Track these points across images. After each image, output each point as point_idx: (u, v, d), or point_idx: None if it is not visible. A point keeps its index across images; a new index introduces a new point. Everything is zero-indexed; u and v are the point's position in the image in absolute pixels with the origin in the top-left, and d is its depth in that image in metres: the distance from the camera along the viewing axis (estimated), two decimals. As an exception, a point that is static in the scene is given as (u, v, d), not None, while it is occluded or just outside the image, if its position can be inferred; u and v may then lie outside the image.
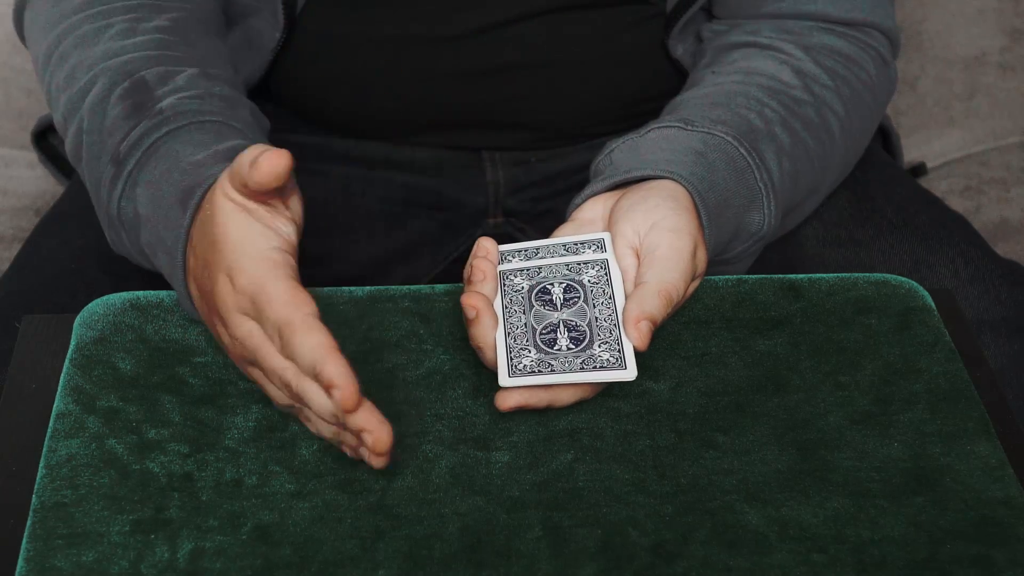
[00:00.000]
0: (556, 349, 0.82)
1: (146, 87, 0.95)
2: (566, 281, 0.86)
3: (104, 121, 0.94)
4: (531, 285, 0.87)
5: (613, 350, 0.82)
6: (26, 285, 1.04)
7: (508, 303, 0.86)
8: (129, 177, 0.91)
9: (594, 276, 0.86)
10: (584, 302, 0.85)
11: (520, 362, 0.82)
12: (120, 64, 0.97)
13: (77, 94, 0.97)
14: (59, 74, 1.00)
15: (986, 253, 1.07)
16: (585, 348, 0.82)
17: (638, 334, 0.81)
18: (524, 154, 1.17)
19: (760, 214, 0.96)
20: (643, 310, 0.82)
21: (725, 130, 0.95)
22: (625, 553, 0.75)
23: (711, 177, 0.92)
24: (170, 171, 0.88)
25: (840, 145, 1.05)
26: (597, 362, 0.81)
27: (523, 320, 0.85)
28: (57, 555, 0.74)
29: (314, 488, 0.78)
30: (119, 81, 0.95)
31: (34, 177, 1.43)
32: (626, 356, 0.81)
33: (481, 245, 0.88)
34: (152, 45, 0.98)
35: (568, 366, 0.81)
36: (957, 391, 0.85)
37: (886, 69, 1.09)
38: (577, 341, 0.83)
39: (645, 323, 0.82)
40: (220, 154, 0.88)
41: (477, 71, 1.11)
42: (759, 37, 1.06)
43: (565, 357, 0.82)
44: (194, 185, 0.86)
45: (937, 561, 0.75)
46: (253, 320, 0.79)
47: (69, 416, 0.82)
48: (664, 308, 0.83)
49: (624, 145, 0.96)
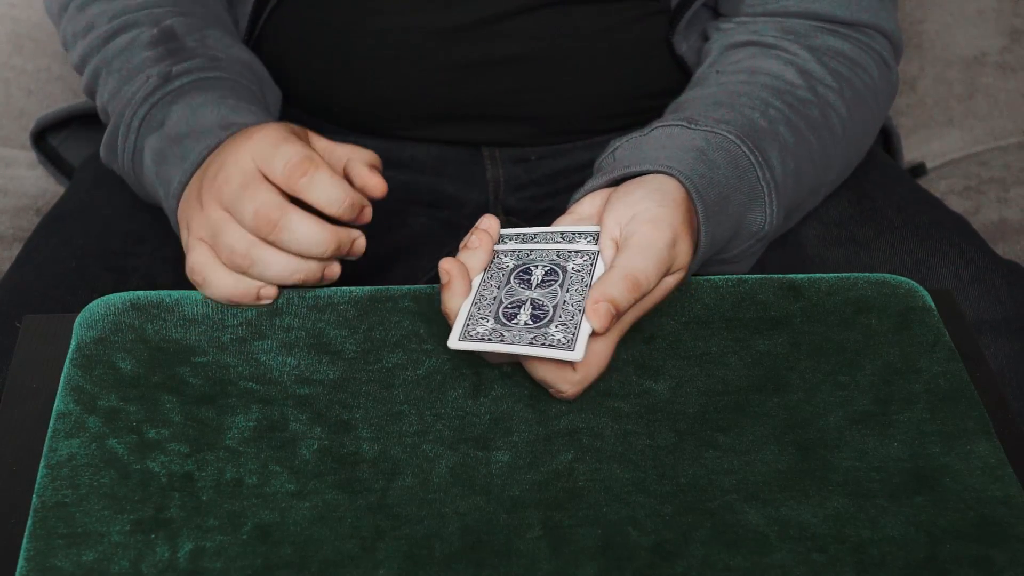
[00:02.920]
0: (513, 323, 0.83)
1: (175, 35, 1.03)
2: (551, 265, 0.87)
3: (136, 58, 1.03)
4: (516, 264, 0.87)
5: (568, 332, 0.82)
6: (26, 285, 1.04)
7: (488, 277, 0.87)
8: (169, 94, 0.99)
9: (579, 264, 0.86)
10: (559, 286, 0.85)
11: (475, 329, 0.83)
12: (145, 15, 1.05)
13: (99, 38, 1.06)
14: (79, 22, 1.08)
15: (986, 254, 1.07)
16: (542, 326, 0.82)
17: (596, 315, 0.81)
18: (524, 151, 1.17)
19: (762, 213, 0.96)
20: (604, 292, 0.82)
21: (728, 129, 0.95)
22: (625, 553, 0.75)
23: (711, 175, 0.92)
24: (215, 104, 0.98)
25: (843, 145, 1.05)
26: (548, 340, 0.81)
27: (494, 294, 0.85)
28: (57, 555, 0.74)
29: (314, 488, 0.78)
30: (148, 27, 1.04)
31: (34, 177, 1.43)
32: (578, 339, 0.81)
33: (484, 218, 0.90)
34: (170, 2, 1.07)
35: (519, 339, 0.82)
36: (957, 391, 0.85)
37: (888, 73, 1.09)
38: (537, 319, 0.83)
39: (604, 304, 0.82)
40: (260, 116, 0.98)
41: (478, 63, 1.10)
42: (764, 37, 1.06)
43: (520, 331, 0.82)
44: (233, 123, 0.96)
45: (937, 561, 0.75)
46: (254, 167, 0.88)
47: (69, 416, 0.82)
48: (629, 292, 0.83)
49: (627, 143, 0.96)
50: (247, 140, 0.90)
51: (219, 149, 0.93)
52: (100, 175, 1.19)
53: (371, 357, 0.87)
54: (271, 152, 0.88)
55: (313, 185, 0.87)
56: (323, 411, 0.83)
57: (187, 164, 0.95)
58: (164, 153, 0.98)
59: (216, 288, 0.89)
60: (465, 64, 1.10)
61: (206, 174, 0.92)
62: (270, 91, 1.09)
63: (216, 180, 0.89)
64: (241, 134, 0.92)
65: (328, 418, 0.83)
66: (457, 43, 1.10)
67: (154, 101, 1.00)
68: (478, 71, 1.11)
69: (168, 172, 0.97)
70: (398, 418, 0.83)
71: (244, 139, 0.90)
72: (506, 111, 1.14)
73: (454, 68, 1.11)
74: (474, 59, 1.10)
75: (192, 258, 0.90)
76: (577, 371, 0.83)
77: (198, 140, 0.96)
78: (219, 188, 0.89)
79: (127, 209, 1.12)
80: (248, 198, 0.87)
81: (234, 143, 0.91)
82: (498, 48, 1.10)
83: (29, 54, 1.50)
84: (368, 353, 0.87)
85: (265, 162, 0.88)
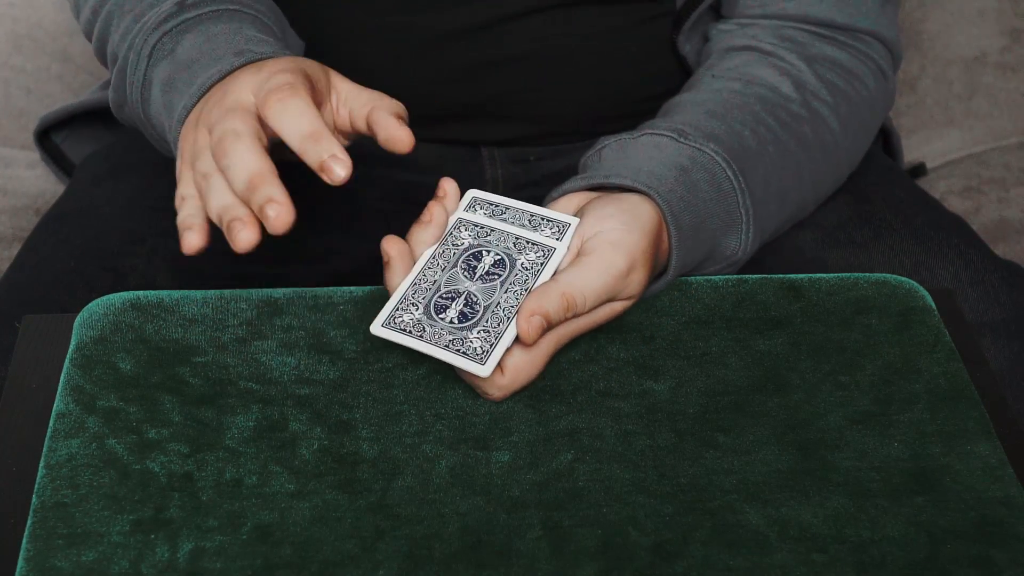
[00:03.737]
0: (440, 318, 0.83)
1: None
2: (503, 254, 0.86)
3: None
4: (470, 244, 0.87)
5: (486, 342, 0.82)
6: (26, 285, 1.04)
7: (439, 254, 0.86)
8: (184, 22, 0.94)
9: (531, 260, 0.86)
10: (501, 282, 0.85)
11: (402, 316, 0.83)
12: None
13: None
14: None
15: (985, 255, 1.06)
16: (466, 328, 0.82)
17: (527, 326, 0.81)
18: (523, 151, 1.17)
19: (737, 239, 0.95)
20: (540, 304, 0.82)
21: (716, 148, 0.95)
22: (625, 553, 0.75)
23: (690, 198, 0.91)
24: (232, 33, 0.92)
25: (834, 161, 1.05)
26: (464, 346, 0.81)
27: (436, 276, 0.85)
28: (57, 555, 0.74)
29: (314, 488, 0.78)
30: None
31: (34, 177, 1.43)
32: (492, 353, 0.81)
33: (442, 185, 0.89)
34: None
35: (437, 340, 0.82)
36: (957, 391, 0.85)
37: (884, 83, 1.09)
38: (465, 317, 0.83)
39: (537, 318, 0.81)
40: (278, 49, 0.92)
41: (480, 64, 1.10)
42: (762, 43, 1.06)
43: (442, 329, 0.82)
44: (248, 51, 0.90)
45: (937, 561, 0.75)
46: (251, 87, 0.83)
47: (69, 416, 0.82)
48: (562, 311, 0.82)
49: (615, 144, 0.96)
50: (256, 72, 0.85)
51: (228, 78, 0.88)
52: (99, 174, 1.19)
53: (371, 357, 0.87)
54: (267, 81, 0.83)
55: (283, 110, 0.81)
56: (323, 411, 0.83)
57: (193, 89, 0.90)
58: (173, 80, 0.93)
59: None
60: (467, 65, 1.10)
61: (208, 101, 0.87)
62: (292, 39, 1.05)
63: (209, 104, 0.85)
64: (253, 65, 0.88)
65: (328, 418, 0.83)
66: (459, 44, 1.10)
67: (167, 29, 0.95)
68: (479, 72, 1.11)
69: (175, 99, 0.92)
70: (398, 418, 0.83)
71: (255, 71, 0.85)
72: (506, 111, 1.14)
73: (455, 68, 1.11)
74: (476, 60, 1.10)
75: (180, 188, 0.85)
76: (504, 376, 0.83)
77: (208, 66, 0.91)
78: (209, 112, 0.85)
79: (126, 209, 1.12)
80: (222, 122, 0.82)
81: (244, 73, 0.86)
82: (500, 49, 1.10)
83: (29, 54, 1.50)
84: (368, 353, 0.87)
85: (258, 90, 0.83)
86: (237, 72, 0.88)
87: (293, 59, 0.86)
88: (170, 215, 1.12)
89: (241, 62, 0.89)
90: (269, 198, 0.78)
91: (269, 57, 0.89)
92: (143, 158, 1.19)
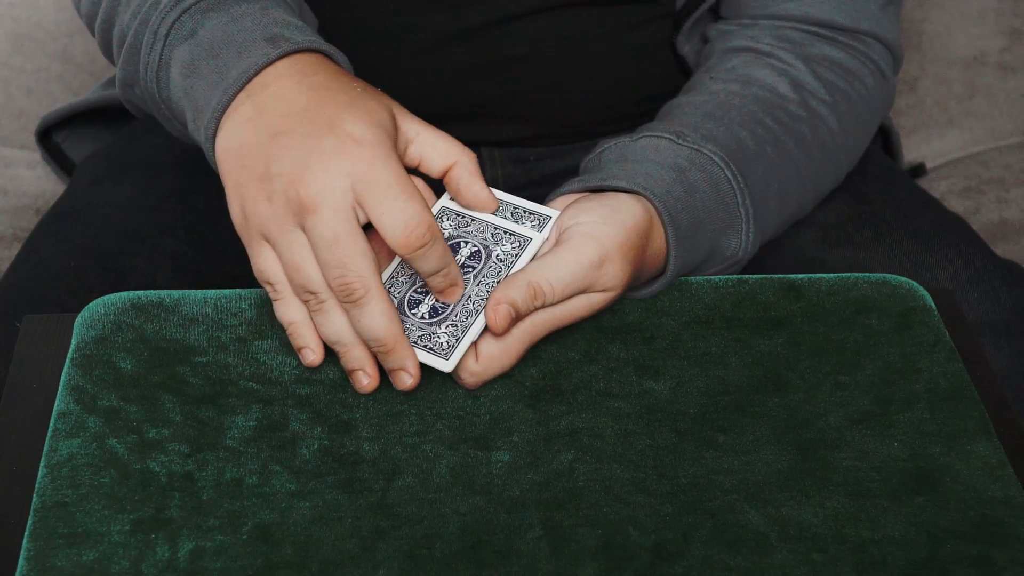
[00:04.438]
0: (412, 313, 0.84)
1: None
2: (480, 246, 0.87)
3: None
4: (449, 236, 0.87)
5: (452, 336, 0.83)
6: (26, 285, 1.04)
7: None
8: (205, 1, 0.91)
9: (506, 252, 0.86)
10: (475, 275, 0.85)
11: None
12: None
13: None
14: None
15: (985, 255, 1.07)
16: (435, 324, 0.84)
17: (494, 315, 0.82)
18: (523, 151, 1.17)
19: (737, 239, 0.95)
20: (506, 294, 0.83)
21: (714, 149, 0.95)
22: (625, 553, 0.75)
23: (688, 197, 0.92)
24: (258, 14, 0.89)
25: (833, 160, 1.05)
26: (431, 342, 0.83)
27: (412, 270, 0.86)
28: (58, 555, 0.74)
29: (314, 488, 0.78)
30: None
31: (34, 177, 1.43)
32: (457, 349, 0.82)
33: None
34: None
35: (408, 336, 0.83)
36: (957, 391, 0.85)
37: (884, 83, 1.09)
38: (436, 312, 0.84)
39: (505, 307, 0.82)
40: (307, 31, 0.89)
41: (481, 64, 1.10)
42: (760, 44, 1.06)
43: (412, 325, 0.84)
44: (279, 36, 0.87)
45: (937, 561, 0.75)
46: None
47: (70, 416, 0.82)
48: (529, 301, 0.83)
49: (615, 147, 0.96)
50: (339, 144, 0.81)
51: (278, 87, 0.85)
52: (100, 174, 1.19)
53: (371, 357, 0.87)
54: (379, 192, 0.80)
55: (427, 256, 0.81)
56: (323, 411, 0.83)
57: (227, 83, 0.86)
58: (196, 65, 0.89)
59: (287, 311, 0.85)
60: (467, 65, 1.10)
61: (266, 130, 0.84)
62: (308, 15, 1.03)
63: (294, 179, 0.81)
64: (324, 122, 0.82)
65: (328, 418, 0.83)
66: (461, 45, 1.10)
67: (185, 6, 0.91)
68: (480, 72, 1.11)
69: (201, 87, 0.88)
70: (398, 418, 0.83)
71: (333, 138, 0.81)
72: (506, 112, 1.14)
73: (456, 69, 1.11)
74: (477, 61, 1.10)
75: (262, 264, 0.84)
76: (478, 363, 0.84)
77: (239, 55, 0.87)
78: (300, 199, 0.81)
79: (126, 208, 1.12)
80: (337, 256, 0.80)
81: (315, 125, 0.82)
82: (501, 50, 1.10)
83: (29, 54, 1.50)
84: (368, 353, 0.87)
85: (370, 202, 0.80)
86: (294, 89, 0.85)
87: (369, 113, 0.84)
88: (170, 215, 1.12)
89: (277, 54, 0.86)
90: (403, 368, 0.82)
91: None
92: (144, 158, 1.19)
